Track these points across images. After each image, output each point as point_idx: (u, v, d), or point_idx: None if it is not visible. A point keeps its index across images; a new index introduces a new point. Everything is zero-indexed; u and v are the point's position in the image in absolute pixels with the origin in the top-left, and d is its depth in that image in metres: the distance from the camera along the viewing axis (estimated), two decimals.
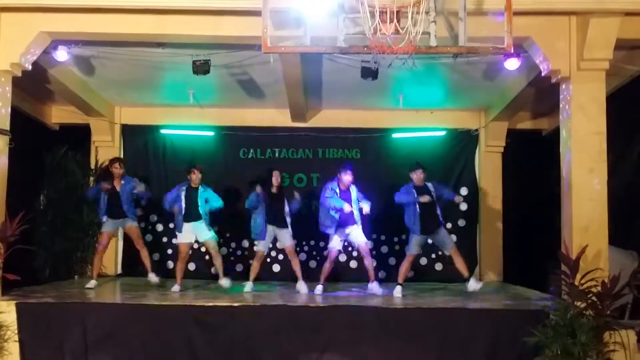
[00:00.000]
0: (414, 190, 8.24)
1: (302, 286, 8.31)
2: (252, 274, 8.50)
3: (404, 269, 8.28)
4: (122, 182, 8.77)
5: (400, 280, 8.17)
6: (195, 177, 8.57)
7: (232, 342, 6.38)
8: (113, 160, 8.98)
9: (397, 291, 7.99)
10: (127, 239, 10.64)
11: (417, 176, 8.32)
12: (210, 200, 8.59)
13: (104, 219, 8.83)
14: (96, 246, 9.05)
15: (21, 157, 7.53)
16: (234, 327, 6.44)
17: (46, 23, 6.87)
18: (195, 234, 8.60)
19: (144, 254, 8.86)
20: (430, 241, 8.76)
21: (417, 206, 8.15)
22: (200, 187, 8.60)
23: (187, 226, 8.51)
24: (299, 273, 8.47)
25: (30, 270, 9.04)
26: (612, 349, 6.01)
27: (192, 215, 8.50)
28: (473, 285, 8.13)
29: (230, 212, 9.51)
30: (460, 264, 8.31)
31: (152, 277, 8.74)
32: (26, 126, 9.20)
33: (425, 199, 8.11)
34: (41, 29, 6.89)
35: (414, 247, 8.29)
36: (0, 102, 6.92)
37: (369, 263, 8.31)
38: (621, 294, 6.22)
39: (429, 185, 8.37)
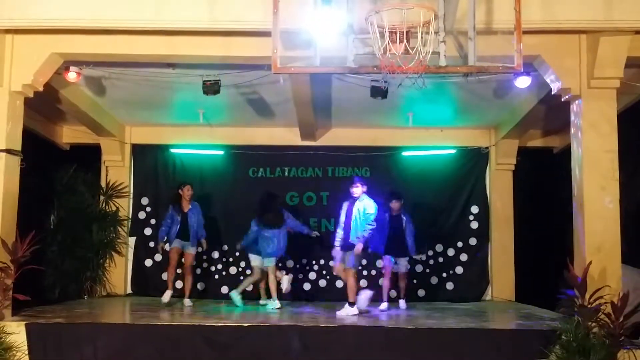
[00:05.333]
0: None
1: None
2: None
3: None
4: (190, 206, 8.99)
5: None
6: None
7: None
8: (183, 184, 9.20)
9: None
10: (136, 257, 10.72)
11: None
12: None
13: (164, 244, 9.17)
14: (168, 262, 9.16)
15: (32, 177, 7.56)
16: (244, 347, 6.40)
17: (58, 45, 6.92)
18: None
19: (188, 280, 8.98)
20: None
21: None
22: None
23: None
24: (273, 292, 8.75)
25: (40, 290, 9.06)
26: None
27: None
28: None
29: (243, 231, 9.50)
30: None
31: (187, 302, 8.84)
32: (37, 146, 9.26)
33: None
34: (53, 51, 6.95)
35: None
36: (12, 122, 6.94)
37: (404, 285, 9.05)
38: (634, 312, 6.13)
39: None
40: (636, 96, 8.24)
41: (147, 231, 10.81)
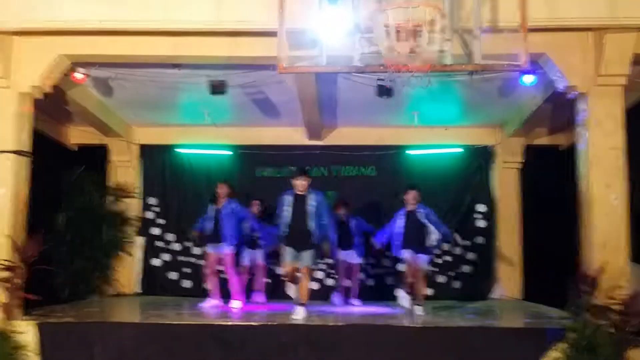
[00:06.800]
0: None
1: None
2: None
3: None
4: (225, 204, 8.80)
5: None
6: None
7: None
8: (219, 182, 9.05)
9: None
10: (145, 257, 10.78)
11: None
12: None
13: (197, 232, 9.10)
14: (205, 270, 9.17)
15: (40, 177, 7.60)
16: (252, 346, 6.43)
17: (65, 46, 6.97)
18: None
19: (231, 281, 8.84)
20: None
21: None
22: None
23: None
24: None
25: (49, 289, 9.09)
26: None
27: None
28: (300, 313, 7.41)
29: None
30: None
31: (235, 303, 8.70)
32: (45, 147, 9.28)
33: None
34: (60, 52, 6.99)
35: None
36: (21, 124, 7.01)
37: (422, 285, 8.37)
38: None
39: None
40: None
41: (155, 231, 10.87)
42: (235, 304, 8.67)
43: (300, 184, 7.63)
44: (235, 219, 8.77)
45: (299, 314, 7.25)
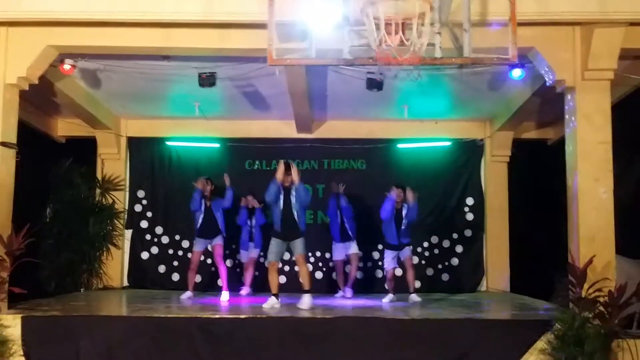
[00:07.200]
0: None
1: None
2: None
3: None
4: (213, 200, 8.95)
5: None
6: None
7: (239, 354, 6.35)
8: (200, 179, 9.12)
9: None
10: (133, 250, 10.74)
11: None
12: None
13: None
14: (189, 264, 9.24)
15: (27, 170, 7.54)
16: (240, 339, 6.42)
17: (53, 37, 6.90)
18: None
19: (221, 271, 8.96)
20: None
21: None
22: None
23: None
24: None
25: (35, 282, 9.05)
26: (620, 359, 5.98)
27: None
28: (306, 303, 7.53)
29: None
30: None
31: (225, 296, 8.75)
32: (32, 139, 9.25)
33: None
34: (48, 43, 6.93)
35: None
36: (7, 115, 6.94)
37: (411, 275, 8.60)
38: (629, 304, 6.19)
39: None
40: (630, 88, 8.26)
41: (144, 224, 10.84)
42: (224, 297, 8.65)
43: (286, 179, 7.67)
44: (222, 210, 8.92)
45: (305, 303, 7.37)
